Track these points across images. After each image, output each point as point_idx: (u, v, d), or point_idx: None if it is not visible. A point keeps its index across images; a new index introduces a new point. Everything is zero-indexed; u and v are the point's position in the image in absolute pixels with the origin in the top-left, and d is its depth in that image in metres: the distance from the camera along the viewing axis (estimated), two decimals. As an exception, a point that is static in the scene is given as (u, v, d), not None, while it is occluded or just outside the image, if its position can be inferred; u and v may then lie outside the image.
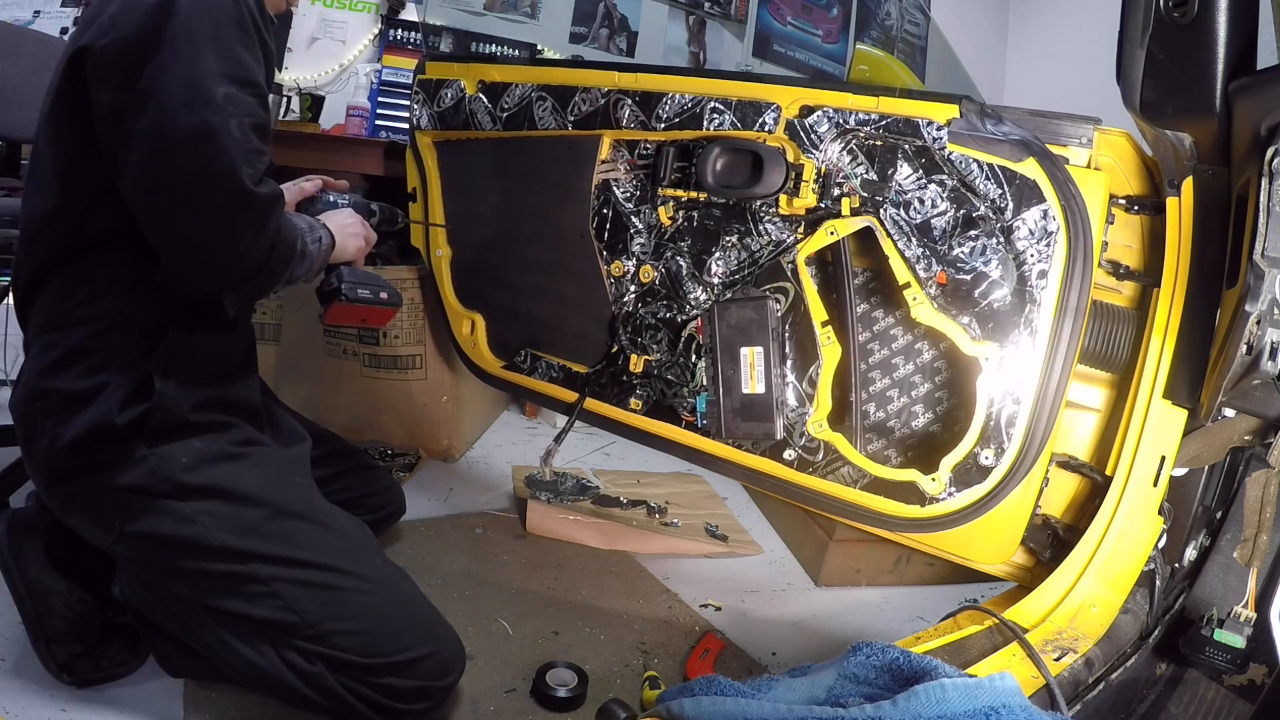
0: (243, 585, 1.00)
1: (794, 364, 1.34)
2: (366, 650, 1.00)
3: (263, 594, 0.99)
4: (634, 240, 1.49)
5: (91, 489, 1.00)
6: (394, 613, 1.04)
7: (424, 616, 1.08)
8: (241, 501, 1.02)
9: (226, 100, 0.93)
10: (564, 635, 1.37)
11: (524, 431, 2.46)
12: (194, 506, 0.99)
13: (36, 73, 1.90)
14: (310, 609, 0.99)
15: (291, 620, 0.99)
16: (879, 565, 1.73)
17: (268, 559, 1.00)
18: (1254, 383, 0.94)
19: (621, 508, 1.89)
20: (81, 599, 1.09)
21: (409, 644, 1.02)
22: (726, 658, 1.37)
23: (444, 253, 1.80)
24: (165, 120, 0.90)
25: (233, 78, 0.94)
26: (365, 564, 1.07)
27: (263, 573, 0.99)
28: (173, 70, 0.91)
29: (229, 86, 0.94)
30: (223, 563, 0.99)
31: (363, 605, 1.02)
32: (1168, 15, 0.97)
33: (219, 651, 1.03)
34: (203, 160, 0.92)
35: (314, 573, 1.01)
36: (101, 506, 1.00)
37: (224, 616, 1.01)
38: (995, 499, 1.16)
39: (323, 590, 1.01)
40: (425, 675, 1.03)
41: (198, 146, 0.91)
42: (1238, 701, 1.04)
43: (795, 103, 1.30)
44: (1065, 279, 1.12)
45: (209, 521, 0.99)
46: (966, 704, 0.72)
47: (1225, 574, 1.16)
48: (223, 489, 1.01)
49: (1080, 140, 1.16)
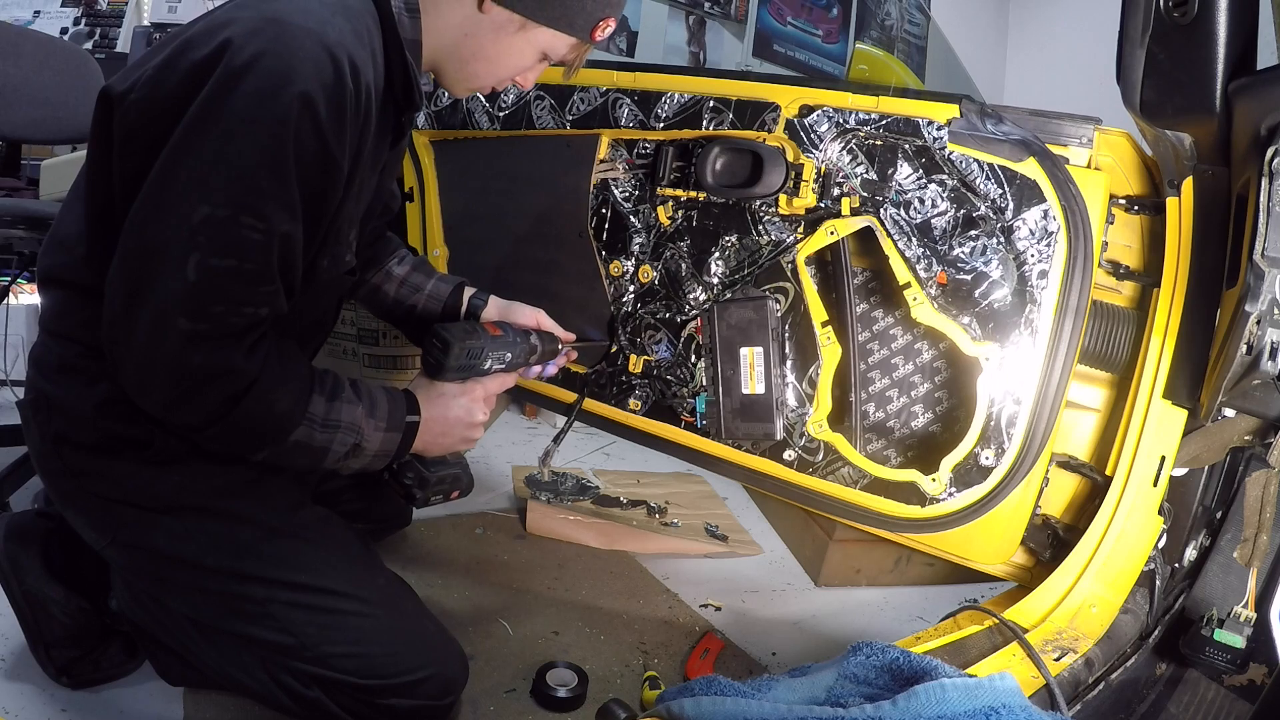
0: (238, 605, 0.96)
1: (794, 364, 1.33)
2: (367, 672, 0.96)
3: (258, 615, 0.95)
4: (633, 240, 1.48)
5: (84, 491, 0.96)
6: (395, 634, 1.00)
7: (426, 636, 1.04)
8: (237, 521, 0.97)
9: (202, 226, 0.77)
10: (564, 635, 1.37)
11: (524, 431, 2.46)
12: (188, 524, 0.95)
13: (36, 73, 1.90)
14: (308, 632, 0.95)
15: (288, 643, 0.95)
16: (879, 565, 1.73)
17: (264, 581, 0.95)
18: (1254, 383, 0.94)
19: (621, 508, 1.89)
20: (79, 607, 1.07)
21: (410, 666, 0.98)
22: (726, 658, 1.37)
23: (441, 253, 1.80)
24: (133, 221, 0.80)
25: (235, 202, 0.78)
26: (366, 584, 1.02)
27: (259, 594, 0.95)
28: (169, 162, 0.78)
29: (221, 209, 0.78)
30: (217, 582, 0.95)
31: (363, 628, 0.98)
32: (1168, 15, 0.97)
33: (213, 668, 1.01)
34: (136, 283, 0.79)
35: (312, 595, 0.97)
36: (95, 510, 0.97)
37: (217, 634, 0.98)
38: (995, 499, 1.16)
39: (321, 613, 0.96)
40: (427, 695, 1.00)
41: (137, 264, 0.79)
42: (1238, 701, 1.04)
43: (795, 102, 1.30)
44: (1065, 279, 1.12)
45: (203, 540, 0.95)
46: (966, 704, 0.72)
47: (1225, 574, 1.16)
48: (217, 508, 0.96)
49: (1080, 140, 1.16)
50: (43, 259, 0.96)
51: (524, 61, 1.01)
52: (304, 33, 0.80)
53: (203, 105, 0.78)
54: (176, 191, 0.78)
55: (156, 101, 0.81)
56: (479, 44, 0.98)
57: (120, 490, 0.94)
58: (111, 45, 3.17)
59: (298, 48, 0.79)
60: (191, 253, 0.78)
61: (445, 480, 1.07)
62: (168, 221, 0.78)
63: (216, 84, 0.78)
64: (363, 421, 0.93)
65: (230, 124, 0.78)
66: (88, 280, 0.89)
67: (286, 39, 0.80)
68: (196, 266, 0.78)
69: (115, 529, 0.96)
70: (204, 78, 0.78)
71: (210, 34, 0.81)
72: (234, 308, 0.81)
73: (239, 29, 0.80)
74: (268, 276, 0.83)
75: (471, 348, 1.04)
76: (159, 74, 0.82)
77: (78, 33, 3.21)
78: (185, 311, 0.78)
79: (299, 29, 0.80)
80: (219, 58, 0.78)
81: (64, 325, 0.94)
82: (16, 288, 1.87)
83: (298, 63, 0.79)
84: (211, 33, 0.81)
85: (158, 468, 0.94)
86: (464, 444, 1.08)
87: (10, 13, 3.13)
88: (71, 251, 0.92)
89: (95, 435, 0.92)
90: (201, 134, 0.78)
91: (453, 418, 1.04)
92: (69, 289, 0.93)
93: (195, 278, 0.78)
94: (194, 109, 0.78)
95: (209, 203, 0.78)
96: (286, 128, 0.79)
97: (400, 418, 0.98)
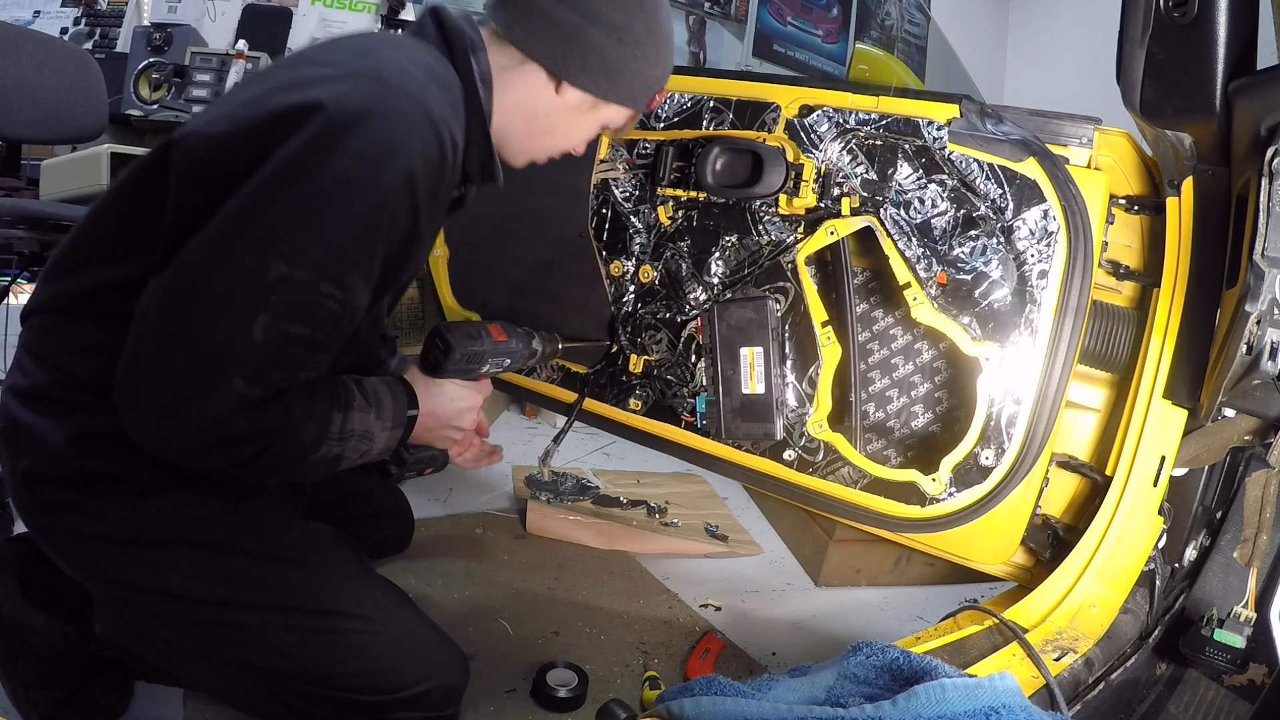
0: (231, 635, 0.91)
1: (794, 364, 1.33)
2: (371, 688, 0.94)
3: (254, 642, 0.91)
4: (633, 240, 1.48)
5: (58, 527, 0.89)
6: (397, 648, 0.96)
7: (427, 646, 1.00)
8: (223, 550, 0.91)
9: (276, 286, 0.73)
10: (564, 635, 1.37)
11: (524, 431, 2.46)
12: (172, 556, 0.89)
13: (36, 73, 1.90)
14: (308, 654, 0.92)
15: (288, 667, 0.92)
16: (879, 565, 1.73)
17: (257, 607, 0.91)
18: (1254, 383, 0.94)
19: (621, 508, 1.89)
20: (63, 633, 1.00)
21: (413, 679, 0.96)
22: (726, 658, 1.37)
23: (441, 252, 1.80)
24: (190, 258, 0.74)
25: (318, 268, 0.74)
26: (363, 599, 0.98)
27: (252, 622, 0.91)
28: (245, 208, 0.73)
29: (301, 272, 0.73)
30: (208, 614, 0.90)
31: (363, 644, 0.94)
32: (1168, 15, 0.97)
33: (214, 693, 0.99)
34: (180, 325, 0.73)
35: (309, 618, 0.92)
36: (70, 546, 0.90)
37: (215, 664, 0.94)
38: (995, 499, 1.16)
39: (320, 634, 0.93)
40: (430, 707, 0.98)
41: (187, 306, 0.73)
42: (1238, 701, 1.04)
43: (795, 102, 1.30)
44: (1065, 279, 1.12)
45: (189, 572, 0.89)
46: (966, 704, 0.72)
47: (1225, 574, 1.16)
48: (201, 538, 0.90)
49: (1080, 140, 1.16)
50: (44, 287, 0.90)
51: (588, 135, 1.05)
52: (409, 99, 0.78)
53: (296, 155, 0.73)
54: (251, 241, 0.73)
55: (234, 139, 0.76)
56: (550, 122, 1.00)
57: (96, 525, 0.87)
58: (111, 45, 3.18)
59: (403, 114, 0.77)
60: (261, 312, 0.73)
61: (422, 460, 1.08)
62: (234, 271, 0.73)
63: (315, 136, 0.73)
64: (373, 425, 0.92)
65: (327, 184, 0.74)
66: (76, 305, 0.86)
67: (392, 103, 0.77)
68: (265, 328, 0.73)
69: (92, 565, 0.90)
70: (296, 124, 0.74)
71: (303, 80, 0.78)
72: (291, 374, 0.78)
73: (340, 82, 0.77)
74: (332, 345, 0.80)
75: (472, 353, 1.04)
76: (240, 111, 0.77)
77: (78, 33, 3.21)
78: (245, 374, 0.73)
79: (404, 94, 0.78)
80: (316, 107, 0.74)
81: (44, 348, 0.88)
82: (16, 288, 1.87)
83: (405, 133, 0.77)
84: (305, 80, 0.78)
85: (135, 499, 0.88)
86: (444, 443, 1.08)
87: (10, 13, 3.14)
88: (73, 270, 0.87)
89: (67, 470, 0.86)
90: (290, 186, 0.74)
91: (444, 416, 1.03)
92: (57, 313, 0.88)
93: (262, 340, 0.73)
94: (284, 156, 0.73)
95: (287, 262, 0.73)
96: (386, 202, 0.77)
97: (403, 413, 0.97)
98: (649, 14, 0.98)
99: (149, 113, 2.83)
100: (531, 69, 0.96)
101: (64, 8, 3.21)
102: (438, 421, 1.03)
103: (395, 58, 0.83)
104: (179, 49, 2.96)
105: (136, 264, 0.81)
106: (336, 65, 0.81)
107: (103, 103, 2.07)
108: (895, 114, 1.23)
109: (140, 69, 2.93)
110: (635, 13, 0.96)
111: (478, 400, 1.08)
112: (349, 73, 0.79)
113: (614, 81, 0.98)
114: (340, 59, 0.82)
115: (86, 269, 0.86)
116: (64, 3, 3.21)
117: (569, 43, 0.94)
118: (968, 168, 1.18)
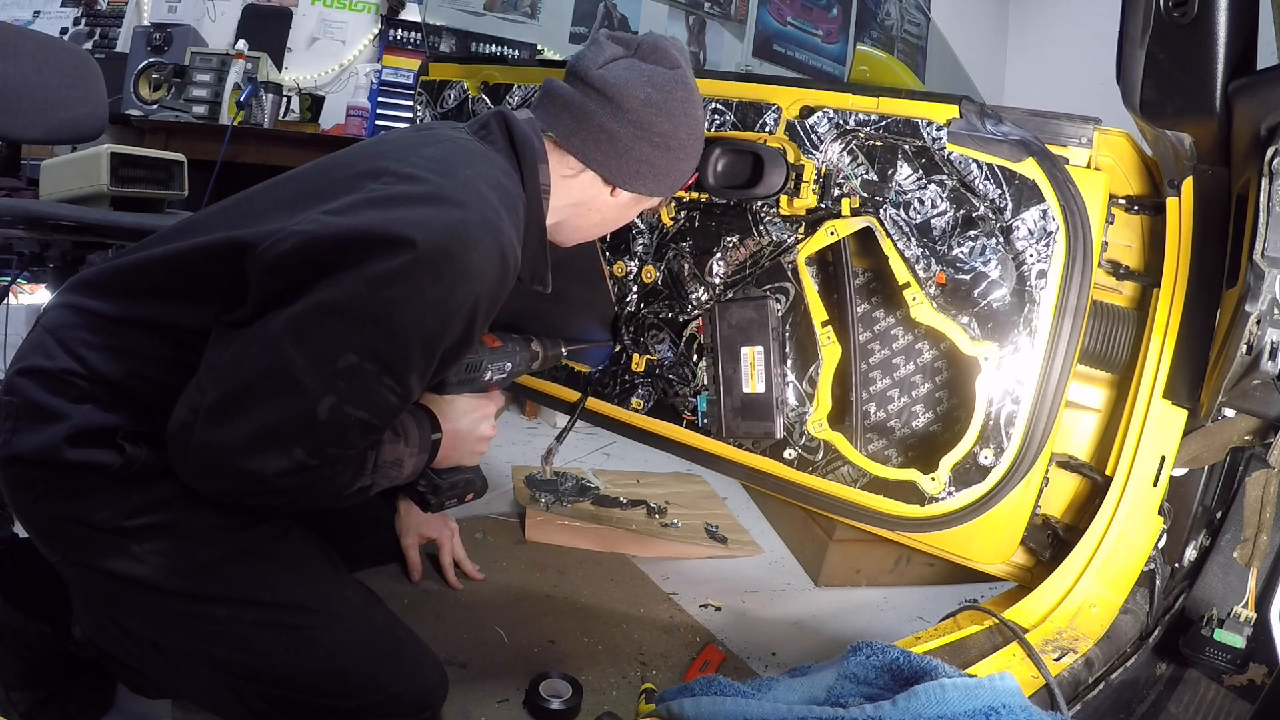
0: (198, 626, 0.90)
1: (794, 363, 1.34)
2: (341, 691, 0.93)
3: (221, 636, 0.90)
4: (636, 241, 1.49)
5: (43, 508, 0.90)
6: (368, 649, 0.96)
7: (400, 648, 0.99)
8: (194, 540, 0.91)
9: (345, 373, 0.81)
10: (561, 644, 1.35)
11: (524, 431, 2.46)
12: (143, 547, 0.89)
13: (36, 73, 1.90)
14: (276, 651, 0.91)
15: (256, 664, 0.91)
16: (879, 565, 1.73)
17: (226, 600, 0.91)
18: (1254, 383, 0.94)
19: (621, 508, 1.89)
20: (40, 633, 1.00)
21: (385, 681, 0.95)
22: (727, 670, 1.35)
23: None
24: (271, 330, 0.81)
25: (385, 363, 0.82)
26: (334, 598, 0.98)
27: (220, 614, 0.90)
28: (326, 298, 0.80)
29: (369, 364, 0.82)
30: (176, 604, 0.90)
31: (334, 644, 0.94)
32: (1168, 15, 0.97)
33: (184, 695, 0.98)
34: (246, 388, 0.80)
35: (279, 613, 0.92)
36: (46, 526, 0.91)
37: (182, 659, 0.93)
38: (995, 498, 1.16)
39: (289, 630, 0.92)
40: (404, 711, 0.97)
41: (257, 373, 0.81)
42: (1238, 701, 1.04)
43: (795, 103, 1.30)
44: (1065, 279, 1.12)
45: (159, 562, 0.89)
46: (966, 704, 0.72)
47: (1225, 574, 1.16)
48: (172, 526, 0.90)
49: (1080, 140, 1.16)
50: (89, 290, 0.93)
51: (631, 218, 1.22)
52: (487, 231, 0.88)
53: (385, 274, 0.81)
54: (328, 328, 0.81)
55: (325, 241, 0.84)
56: (602, 217, 1.16)
57: (78, 510, 0.88)
58: (111, 45, 3.18)
59: (481, 248, 0.87)
60: (329, 394, 0.81)
61: (458, 485, 1.12)
62: (308, 351, 0.81)
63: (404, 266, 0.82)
64: (403, 453, 0.99)
65: (405, 293, 0.82)
66: (121, 312, 0.90)
67: (473, 240, 0.86)
68: (331, 409, 0.81)
69: (68, 548, 0.91)
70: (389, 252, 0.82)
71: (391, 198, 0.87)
72: (344, 450, 0.87)
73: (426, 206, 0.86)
74: (383, 430, 0.90)
75: (470, 362, 1.10)
76: (329, 218, 0.85)
77: (78, 33, 3.21)
78: (306, 446, 0.82)
79: (483, 225, 0.88)
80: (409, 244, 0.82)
81: (72, 339, 0.90)
82: (16, 288, 1.87)
83: (481, 266, 0.87)
84: (393, 198, 0.87)
85: (121, 488, 0.89)
86: (471, 458, 1.14)
87: (10, 13, 3.14)
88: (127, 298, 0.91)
89: (61, 455, 0.87)
90: (374, 295, 0.82)
91: (464, 432, 1.11)
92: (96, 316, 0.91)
93: (326, 418, 0.81)
94: (373, 271, 0.81)
95: (358, 354, 0.82)
96: (454, 319, 0.86)
97: (427, 438, 1.04)
98: (690, 120, 1.11)
99: (149, 113, 2.84)
100: (589, 177, 1.10)
101: (64, 8, 3.21)
102: (460, 438, 1.10)
103: (472, 178, 0.93)
104: (179, 49, 2.96)
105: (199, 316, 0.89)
106: (421, 182, 0.89)
107: (103, 103, 2.07)
108: (895, 115, 1.23)
109: (140, 69, 2.93)
110: (680, 120, 1.09)
111: (491, 409, 1.16)
112: (434, 195, 0.88)
113: (660, 181, 1.12)
114: (423, 174, 0.90)
115: (137, 296, 0.91)
116: (64, 3, 3.21)
117: (624, 157, 1.08)
118: (967, 168, 1.18)
